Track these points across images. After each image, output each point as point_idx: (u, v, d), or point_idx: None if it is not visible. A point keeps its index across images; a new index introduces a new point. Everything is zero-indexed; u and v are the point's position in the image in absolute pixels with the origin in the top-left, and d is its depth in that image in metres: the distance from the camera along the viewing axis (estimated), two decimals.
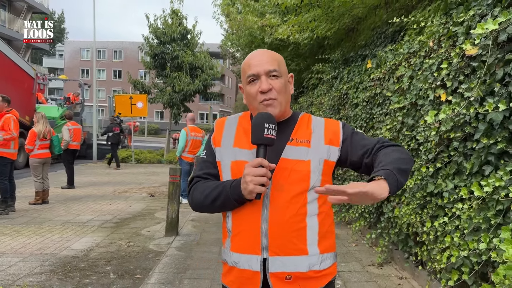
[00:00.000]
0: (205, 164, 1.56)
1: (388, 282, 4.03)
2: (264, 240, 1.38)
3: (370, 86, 4.94)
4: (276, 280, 1.38)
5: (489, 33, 2.40)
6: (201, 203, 1.49)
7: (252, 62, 1.46)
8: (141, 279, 4.15)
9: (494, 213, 2.32)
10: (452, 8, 3.23)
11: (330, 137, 1.47)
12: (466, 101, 2.58)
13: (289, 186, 1.39)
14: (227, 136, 1.53)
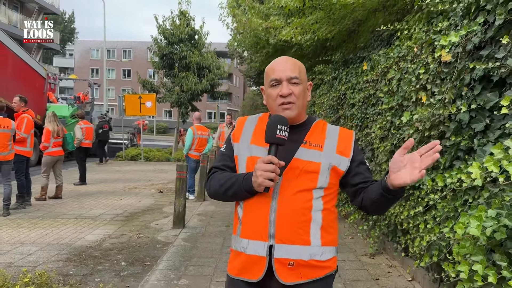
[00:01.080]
0: (223, 157, 1.71)
1: (378, 270, 4.34)
2: (272, 229, 1.50)
3: (365, 87, 5.25)
4: (280, 265, 1.49)
5: (462, 41, 2.70)
6: (216, 191, 1.64)
7: (276, 67, 1.59)
8: (150, 266, 4.51)
9: (461, 203, 2.62)
10: (433, 17, 3.52)
11: (341, 149, 1.60)
12: (441, 103, 2.88)
13: (298, 183, 1.52)
14: (245, 134, 1.67)
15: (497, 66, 2.21)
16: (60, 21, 58.02)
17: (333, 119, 6.97)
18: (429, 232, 2.80)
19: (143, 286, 3.89)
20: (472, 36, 2.55)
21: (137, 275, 4.23)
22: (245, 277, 1.55)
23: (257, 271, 1.52)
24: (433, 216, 2.96)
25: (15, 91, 12.64)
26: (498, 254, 1.92)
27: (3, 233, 5.79)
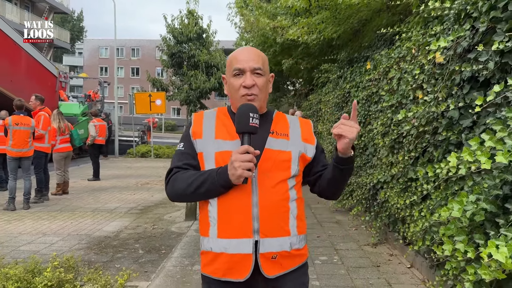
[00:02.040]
0: (184, 156, 1.61)
1: (379, 258, 4.61)
2: (256, 224, 1.47)
3: (368, 86, 5.50)
4: (264, 260, 1.48)
5: (453, 44, 2.96)
6: (183, 190, 1.53)
7: (240, 57, 1.56)
8: (166, 253, 4.82)
9: (452, 192, 2.88)
10: (430, 21, 3.77)
11: (305, 136, 1.64)
12: (434, 101, 3.14)
13: (274, 174, 1.51)
14: (207, 129, 1.60)
15: (481, 68, 2.47)
16: (70, 19, 58.68)
17: (338, 116, 7.23)
18: (422, 219, 3.07)
19: (160, 271, 4.20)
20: (462, 40, 2.81)
21: (154, 262, 4.54)
22: (230, 277, 1.50)
23: (243, 270, 1.49)
24: (428, 205, 3.23)
25: (28, 89, 13.06)
26: (478, 234, 2.19)
27: (26, 225, 6.14)
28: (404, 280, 3.97)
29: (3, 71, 12.63)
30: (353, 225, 6.00)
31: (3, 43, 12.83)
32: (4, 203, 7.36)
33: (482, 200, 2.08)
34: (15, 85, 13.21)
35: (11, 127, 7.20)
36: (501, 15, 2.32)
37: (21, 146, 7.23)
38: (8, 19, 25.84)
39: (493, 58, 2.37)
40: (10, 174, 7.32)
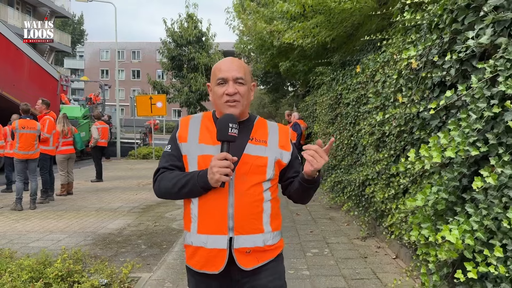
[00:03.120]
0: (170, 157, 1.75)
1: (367, 250, 4.91)
2: (231, 222, 1.61)
3: (357, 88, 5.80)
4: (239, 254, 1.63)
5: (426, 51, 3.25)
6: (169, 189, 1.68)
7: (223, 67, 1.69)
8: (167, 248, 5.12)
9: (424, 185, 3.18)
10: (409, 29, 4.06)
11: (283, 143, 1.76)
12: (411, 103, 3.44)
13: (250, 177, 1.64)
14: (192, 133, 1.73)
15: (445, 74, 2.76)
16: (70, 23, 59.09)
17: (332, 116, 7.53)
18: (399, 210, 3.37)
19: (162, 264, 4.51)
20: (432, 48, 3.11)
21: (156, 256, 4.84)
22: (207, 269, 1.65)
23: (218, 263, 1.63)
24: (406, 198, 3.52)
25: (31, 93, 13.35)
26: (440, 221, 2.49)
27: (33, 224, 6.45)
28: (389, 269, 4.26)
29: (5, 75, 12.86)
30: (345, 221, 6.29)
31: (5, 48, 13.04)
32: (11, 203, 7.67)
33: (442, 191, 2.37)
34: (18, 89, 13.46)
35: (18, 131, 7.50)
36: (460, 27, 2.62)
37: (27, 149, 7.54)
38: (10, 23, 26.24)
39: (454, 65, 2.67)
40: (17, 175, 7.63)
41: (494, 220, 2.11)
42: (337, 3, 7.70)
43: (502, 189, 2.11)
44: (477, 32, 2.34)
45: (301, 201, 1.82)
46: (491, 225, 2.10)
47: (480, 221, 2.11)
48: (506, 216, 2.02)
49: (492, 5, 2.23)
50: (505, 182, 2.08)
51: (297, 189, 1.72)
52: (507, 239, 2.06)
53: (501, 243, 2.09)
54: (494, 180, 2.03)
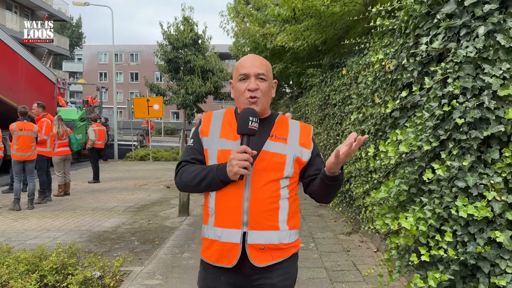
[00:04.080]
0: (192, 151, 1.77)
1: (350, 244, 5.12)
2: (245, 217, 1.62)
3: (342, 90, 6.02)
4: (253, 250, 1.62)
5: (397, 55, 3.47)
6: (189, 182, 1.71)
7: (245, 64, 1.70)
8: (159, 244, 5.33)
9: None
10: (385, 33, 4.28)
11: (303, 141, 1.75)
12: (384, 103, 3.65)
13: (267, 173, 1.64)
14: (214, 128, 1.75)
15: (409, 76, 2.98)
16: (69, 26, 59.32)
17: (321, 116, 7.74)
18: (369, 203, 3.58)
19: (153, 258, 4.72)
20: (401, 52, 3.33)
21: (148, 251, 5.05)
22: (221, 263, 1.66)
23: (231, 257, 1.63)
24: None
25: (27, 96, 13.50)
26: (402, 211, 2.70)
27: (31, 223, 6.65)
28: (369, 261, 4.47)
29: (2, 79, 12.93)
30: (332, 218, 6.50)
31: (1, 51, 13.17)
32: (9, 204, 7.87)
33: (403, 183, 2.59)
34: (14, 92, 13.55)
35: (16, 133, 7.70)
36: (422, 32, 2.83)
37: (25, 150, 7.74)
38: (8, 27, 26.44)
39: (416, 68, 2.89)
40: (15, 176, 7.82)
41: (446, 209, 2.33)
42: (325, 6, 7.93)
43: (453, 181, 2.32)
44: (431, 38, 2.55)
45: (323, 199, 1.80)
46: (443, 213, 2.32)
47: (433, 209, 2.32)
48: (455, 205, 2.24)
49: (444, 12, 2.45)
50: (455, 174, 2.30)
51: (318, 186, 1.71)
52: (456, 226, 2.27)
53: (451, 229, 2.30)
54: (444, 172, 2.24)
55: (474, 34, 2.26)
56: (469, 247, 2.22)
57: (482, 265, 2.24)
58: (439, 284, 2.37)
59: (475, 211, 2.15)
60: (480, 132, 2.20)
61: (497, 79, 2.14)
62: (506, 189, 2.17)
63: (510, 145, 2.14)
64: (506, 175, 2.14)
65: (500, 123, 2.14)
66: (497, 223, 2.19)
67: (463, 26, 2.35)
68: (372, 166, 3.46)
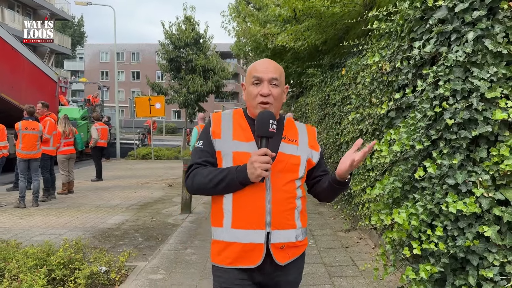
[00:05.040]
0: (203, 153, 1.74)
1: (349, 241, 5.25)
2: (268, 217, 1.64)
3: (342, 90, 6.14)
4: (275, 249, 1.66)
5: (393, 57, 3.59)
6: (204, 185, 1.68)
7: (259, 68, 1.71)
8: (162, 240, 5.46)
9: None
10: (382, 35, 4.40)
11: (312, 143, 1.82)
12: (381, 104, 3.77)
13: (285, 174, 1.68)
14: (225, 130, 1.74)
15: (404, 78, 3.10)
16: (70, 25, 59.49)
17: (321, 116, 7.86)
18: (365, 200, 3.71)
19: (157, 254, 4.85)
20: (397, 55, 3.45)
21: (152, 247, 5.19)
22: (241, 264, 1.66)
23: (255, 257, 1.65)
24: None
25: (29, 95, 13.61)
26: (396, 208, 2.83)
27: (36, 220, 6.79)
28: (366, 257, 4.60)
29: (4, 77, 13.02)
30: (332, 215, 6.63)
31: (3, 50, 13.27)
32: (14, 201, 8.01)
33: (397, 181, 2.71)
34: (16, 91, 13.65)
35: (21, 131, 7.84)
36: (416, 36, 2.95)
37: (30, 149, 7.88)
38: (10, 26, 26.58)
39: (410, 70, 3.01)
40: (20, 174, 7.96)
41: (437, 205, 2.45)
42: (326, 7, 8.05)
43: (444, 178, 2.44)
44: (424, 42, 2.68)
45: (326, 200, 1.89)
46: (434, 208, 2.44)
47: (425, 205, 2.44)
48: (446, 201, 2.36)
49: (436, 18, 2.57)
50: (446, 172, 2.42)
51: (325, 188, 1.77)
52: (447, 221, 2.40)
53: (442, 224, 2.42)
54: (435, 170, 2.37)
55: (464, 39, 2.38)
56: (459, 241, 2.34)
57: (471, 258, 2.36)
58: (431, 276, 2.50)
59: (464, 207, 2.27)
60: (469, 132, 2.32)
61: (485, 82, 2.26)
62: (493, 186, 2.29)
63: (497, 144, 2.27)
64: (493, 173, 2.26)
65: (488, 124, 2.26)
66: (485, 218, 2.31)
67: (453, 31, 2.47)
68: (369, 164, 3.59)
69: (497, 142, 2.29)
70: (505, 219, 2.24)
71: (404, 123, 2.58)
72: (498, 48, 2.24)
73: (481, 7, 2.33)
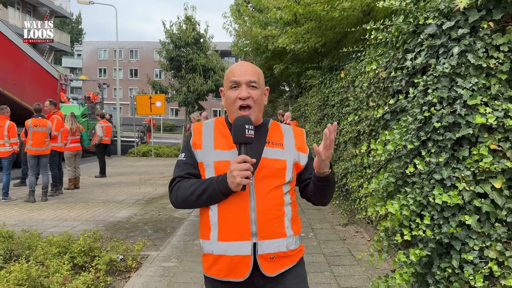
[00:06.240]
0: (185, 166, 1.70)
1: (347, 234, 5.61)
2: (254, 227, 1.57)
3: (341, 92, 6.50)
4: (263, 261, 1.59)
5: (389, 64, 3.94)
6: (186, 198, 1.63)
7: (236, 71, 1.66)
8: (171, 233, 5.81)
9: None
10: (379, 43, 4.75)
11: (299, 145, 1.74)
12: (377, 107, 4.13)
13: (269, 180, 1.61)
14: (206, 140, 1.69)
15: (398, 84, 3.46)
16: (69, 22, 59.55)
17: (320, 116, 8.22)
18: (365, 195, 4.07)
19: (167, 244, 5.19)
20: (392, 63, 3.80)
21: (162, 238, 5.53)
22: (231, 277, 1.61)
23: (243, 270, 1.59)
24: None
25: (31, 92, 13.87)
26: (390, 200, 3.18)
27: (47, 213, 7.11)
28: (363, 249, 4.96)
29: (7, 75, 13.20)
30: (330, 211, 7.00)
31: (6, 47, 13.42)
32: (23, 196, 8.32)
33: (391, 176, 3.07)
34: (19, 88, 13.87)
35: (31, 129, 8.15)
36: (410, 47, 3.30)
37: (39, 145, 8.20)
38: (10, 23, 26.76)
39: (404, 78, 3.36)
40: (30, 170, 8.28)
41: (425, 197, 2.81)
42: (325, 12, 8.40)
43: (431, 174, 2.80)
44: (415, 54, 3.03)
45: (319, 202, 1.79)
46: (423, 200, 2.79)
47: (415, 197, 2.80)
48: (433, 194, 2.71)
49: (427, 33, 2.92)
50: (433, 168, 2.77)
51: (312, 189, 1.71)
52: (433, 211, 2.75)
53: (430, 214, 2.78)
54: (423, 166, 2.72)
55: (450, 53, 2.73)
56: (444, 228, 2.70)
57: (454, 243, 2.72)
58: (420, 260, 2.85)
59: (449, 198, 2.62)
60: (453, 134, 2.67)
61: (467, 91, 2.61)
62: (474, 181, 2.64)
63: (478, 145, 2.62)
64: (474, 170, 2.61)
65: (469, 127, 2.61)
66: (466, 209, 2.66)
67: (441, 46, 2.82)
68: (366, 162, 3.94)
69: (478, 143, 2.64)
70: (484, 209, 2.59)
71: (397, 125, 2.94)
72: (479, 62, 2.59)
73: (465, 25, 2.69)
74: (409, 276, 2.81)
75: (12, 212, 7.13)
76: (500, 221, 2.62)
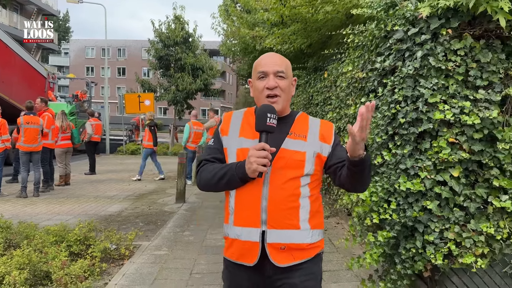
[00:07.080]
0: (212, 150, 1.77)
1: (328, 225, 5.95)
2: (264, 215, 1.60)
3: (324, 91, 6.83)
4: (272, 250, 1.61)
5: (366, 65, 4.28)
6: (208, 180, 1.70)
7: (264, 62, 1.70)
8: (161, 225, 6.08)
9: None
10: (357, 46, 5.08)
11: (324, 136, 1.72)
12: (354, 105, 4.46)
13: (286, 171, 1.62)
14: (233, 127, 1.75)
15: (371, 84, 3.80)
16: (55, 20, 59.05)
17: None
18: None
19: (158, 236, 5.47)
20: (367, 64, 4.13)
21: (153, 230, 5.80)
22: (243, 261, 1.67)
23: (252, 256, 1.63)
24: None
25: (19, 90, 13.91)
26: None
27: (40, 208, 7.31)
28: (342, 237, 5.29)
29: None
30: None
31: None
32: (15, 192, 8.49)
33: (378, 185, 3.40)
34: (7, 86, 13.87)
35: (23, 126, 8.33)
36: (382, 51, 3.64)
37: (31, 142, 8.38)
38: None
39: (376, 78, 3.70)
40: (22, 166, 8.45)
41: (392, 185, 3.14)
42: (310, 14, 8.73)
43: (398, 164, 3.14)
44: (384, 57, 3.37)
45: (354, 189, 1.71)
46: (390, 188, 3.13)
47: (382, 185, 3.13)
48: (398, 182, 3.05)
49: (395, 38, 3.26)
50: (399, 159, 3.11)
51: (346, 175, 1.61)
52: (399, 197, 3.09)
53: (396, 200, 3.11)
54: (390, 157, 3.06)
55: (414, 56, 3.07)
56: (408, 212, 3.03)
57: (418, 226, 3.05)
58: (388, 242, 3.19)
59: (412, 186, 2.96)
60: (416, 128, 3.01)
61: (428, 90, 2.94)
62: (434, 170, 2.98)
63: (438, 138, 2.96)
64: (434, 160, 2.95)
65: (430, 122, 2.95)
66: (428, 195, 3.00)
67: (407, 50, 3.15)
68: None
69: (438, 136, 2.98)
70: (444, 195, 2.93)
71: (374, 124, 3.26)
72: (439, 64, 2.93)
73: (427, 32, 3.02)
74: (378, 256, 3.15)
75: (5, 207, 7.31)
76: (458, 206, 2.96)
